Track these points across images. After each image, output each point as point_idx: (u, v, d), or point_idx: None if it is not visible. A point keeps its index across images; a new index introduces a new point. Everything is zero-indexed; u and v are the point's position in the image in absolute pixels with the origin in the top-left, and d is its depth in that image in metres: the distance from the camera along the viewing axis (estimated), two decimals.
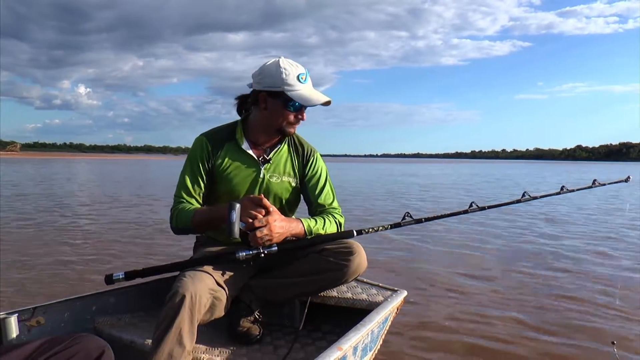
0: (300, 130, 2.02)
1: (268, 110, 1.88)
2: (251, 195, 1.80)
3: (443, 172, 39.66)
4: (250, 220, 1.68)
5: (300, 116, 1.91)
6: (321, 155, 2.11)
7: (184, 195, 1.93)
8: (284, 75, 1.82)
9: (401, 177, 27.44)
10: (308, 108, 1.91)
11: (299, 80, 1.83)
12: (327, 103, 1.89)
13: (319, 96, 1.87)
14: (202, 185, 1.95)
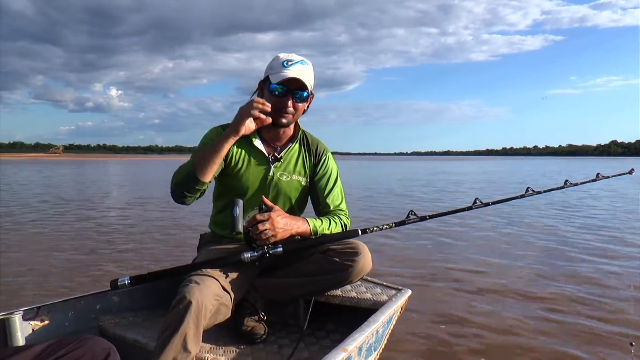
0: (330, 128, 1.97)
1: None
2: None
3: (477, 169, 39.09)
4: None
5: (285, 103, 1.83)
6: (351, 154, 2.07)
7: None
8: (273, 62, 1.84)
9: (442, 176, 27.13)
10: (334, 106, 1.84)
11: (283, 65, 1.81)
12: (298, 82, 1.79)
13: (288, 72, 1.79)
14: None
